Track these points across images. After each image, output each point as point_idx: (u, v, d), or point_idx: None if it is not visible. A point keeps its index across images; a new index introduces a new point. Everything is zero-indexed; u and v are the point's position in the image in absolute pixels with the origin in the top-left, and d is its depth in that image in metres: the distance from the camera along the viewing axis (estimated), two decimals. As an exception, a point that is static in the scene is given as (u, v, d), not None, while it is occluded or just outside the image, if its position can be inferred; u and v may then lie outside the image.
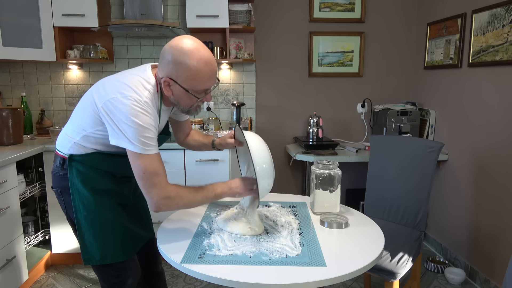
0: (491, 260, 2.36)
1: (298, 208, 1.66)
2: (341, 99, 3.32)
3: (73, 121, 1.39)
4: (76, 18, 2.69)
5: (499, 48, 2.25)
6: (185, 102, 1.33)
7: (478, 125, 2.48)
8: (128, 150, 1.24)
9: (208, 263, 1.16)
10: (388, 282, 1.72)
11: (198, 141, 1.70)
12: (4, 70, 3.02)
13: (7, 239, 2.16)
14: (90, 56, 2.86)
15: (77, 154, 1.37)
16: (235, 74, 3.19)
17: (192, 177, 2.64)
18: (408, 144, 2.13)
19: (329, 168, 1.56)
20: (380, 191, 2.21)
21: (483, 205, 2.43)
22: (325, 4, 3.16)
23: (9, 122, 2.49)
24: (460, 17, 2.61)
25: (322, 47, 3.22)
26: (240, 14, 2.94)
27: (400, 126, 2.92)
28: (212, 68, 1.29)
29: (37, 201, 2.81)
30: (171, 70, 1.26)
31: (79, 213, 1.38)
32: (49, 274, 2.61)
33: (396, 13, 3.23)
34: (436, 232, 2.95)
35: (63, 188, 1.42)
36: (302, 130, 3.34)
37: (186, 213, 1.58)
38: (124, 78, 1.29)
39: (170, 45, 1.26)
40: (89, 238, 1.39)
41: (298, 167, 3.36)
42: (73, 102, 3.11)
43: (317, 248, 1.27)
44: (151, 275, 1.69)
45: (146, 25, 2.61)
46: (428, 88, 3.07)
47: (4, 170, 2.13)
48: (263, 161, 1.31)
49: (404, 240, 1.93)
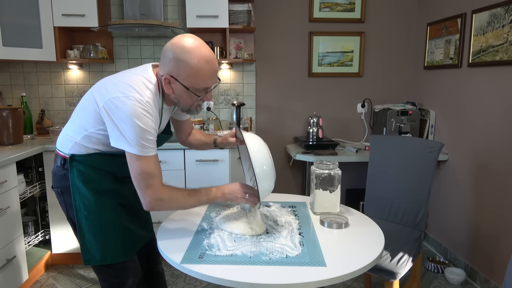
0: (491, 260, 2.36)
1: (298, 208, 1.66)
2: (341, 99, 3.32)
3: (73, 121, 1.39)
4: (76, 18, 2.69)
5: (499, 48, 2.25)
6: (185, 100, 1.33)
7: (478, 125, 2.48)
8: (126, 151, 1.24)
9: (208, 263, 1.16)
10: (388, 282, 1.72)
11: (200, 140, 1.71)
12: (4, 70, 3.02)
13: (7, 239, 2.16)
14: (90, 56, 2.86)
15: (78, 154, 1.37)
16: (235, 74, 3.19)
17: (192, 177, 2.64)
18: (408, 144, 2.13)
19: (329, 168, 1.56)
20: (380, 191, 2.21)
21: (483, 205, 2.43)
22: (325, 4, 3.16)
23: (9, 122, 2.49)
24: (460, 17, 2.61)
25: (322, 47, 3.22)
26: (240, 14, 2.94)
27: (400, 126, 2.92)
28: (213, 66, 1.29)
29: (37, 201, 2.81)
30: (172, 67, 1.26)
31: (79, 213, 1.38)
32: (49, 274, 2.61)
33: (396, 13, 3.23)
34: (436, 232, 2.95)
35: (64, 188, 1.42)
36: (302, 130, 3.34)
37: (186, 213, 1.58)
38: (126, 77, 1.29)
39: (171, 43, 1.26)
40: (89, 238, 1.39)
41: (298, 167, 3.36)
42: (73, 102, 3.11)
43: (317, 248, 1.27)
44: (151, 275, 1.69)
45: (146, 25, 2.61)
46: (428, 88, 3.07)
47: (4, 170, 2.13)
48: (263, 163, 1.30)
49: (404, 240, 1.93)
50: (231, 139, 1.59)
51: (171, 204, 1.31)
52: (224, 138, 1.62)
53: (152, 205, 1.28)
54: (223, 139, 1.63)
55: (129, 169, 1.26)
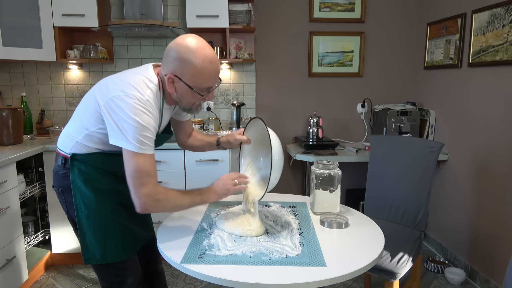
0: (491, 260, 2.36)
1: (298, 208, 1.66)
2: (341, 99, 3.32)
3: (75, 120, 1.40)
4: (76, 18, 2.69)
5: (499, 48, 2.25)
6: (188, 99, 1.34)
7: (478, 125, 2.48)
8: (124, 148, 1.24)
9: (208, 263, 1.16)
10: (388, 282, 1.72)
11: (202, 140, 1.69)
12: (4, 70, 3.02)
13: (7, 239, 2.16)
14: (90, 56, 2.86)
15: (79, 153, 1.37)
16: (235, 74, 3.19)
17: (192, 177, 2.64)
18: (408, 144, 2.13)
19: (329, 168, 1.56)
20: (380, 191, 2.21)
21: (483, 205, 2.43)
22: (325, 4, 3.16)
23: (9, 122, 2.49)
24: (460, 17, 2.61)
25: (322, 47, 3.22)
26: (240, 14, 2.94)
27: (400, 126, 2.92)
28: (216, 67, 1.31)
29: (37, 201, 2.81)
30: (176, 67, 1.27)
31: (80, 212, 1.39)
32: (49, 274, 2.61)
33: (396, 13, 3.23)
34: (436, 232, 2.95)
35: (65, 187, 1.42)
36: (302, 130, 3.34)
37: (187, 213, 1.58)
38: (127, 77, 1.30)
39: (175, 43, 1.27)
40: (90, 238, 1.39)
41: (298, 167, 3.36)
42: (73, 102, 3.11)
43: (317, 248, 1.27)
44: (151, 275, 1.69)
45: (146, 25, 2.61)
46: (428, 88, 3.07)
47: (4, 170, 2.13)
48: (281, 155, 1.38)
49: (404, 240, 1.93)
50: (238, 136, 1.57)
51: (166, 204, 1.29)
52: (231, 136, 1.60)
53: (146, 205, 1.26)
54: (229, 137, 1.61)
55: (125, 167, 1.25)
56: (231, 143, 1.60)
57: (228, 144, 1.62)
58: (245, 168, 1.58)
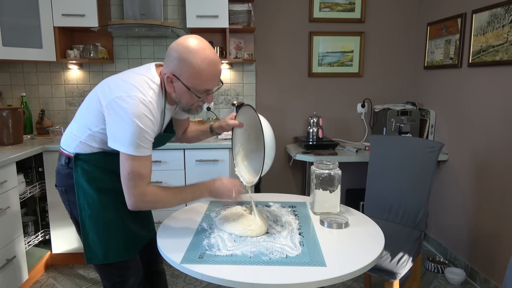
0: (491, 260, 2.36)
1: (298, 208, 1.66)
2: (341, 99, 3.32)
3: (77, 120, 1.40)
4: (76, 18, 2.69)
5: (499, 48, 2.25)
6: (186, 100, 1.34)
7: (478, 125, 2.48)
8: (121, 151, 1.26)
9: (208, 263, 1.16)
10: (388, 282, 1.72)
11: (196, 130, 1.71)
12: (4, 70, 3.02)
13: (7, 239, 2.16)
14: (90, 56, 2.86)
15: (82, 153, 1.38)
16: (235, 74, 3.19)
17: (192, 177, 2.64)
18: (408, 144, 2.13)
19: (329, 168, 1.56)
20: (380, 191, 2.21)
21: (483, 205, 2.43)
22: (325, 4, 3.16)
23: (9, 122, 2.49)
24: (460, 17, 2.61)
25: (322, 47, 3.22)
26: (240, 14, 2.94)
27: (400, 126, 2.92)
28: (216, 69, 1.30)
29: (37, 201, 2.81)
30: (175, 66, 1.27)
31: (83, 211, 1.39)
32: (49, 274, 2.61)
33: (396, 13, 3.23)
34: (436, 232, 2.95)
35: (68, 187, 1.43)
36: (302, 130, 3.34)
37: (187, 213, 1.58)
38: (129, 77, 1.30)
39: (177, 43, 1.28)
40: (92, 237, 1.39)
41: (298, 167, 3.36)
42: (73, 102, 3.11)
43: (317, 248, 1.27)
44: (152, 275, 1.69)
45: (146, 25, 2.61)
46: (428, 88, 3.07)
47: (4, 170, 2.13)
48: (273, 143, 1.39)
49: (404, 240, 1.93)
50: (230, 121, 1.55)
51: (156, 204, 1.35)
52: (223, 121, 1.59)
53: (137, 205, 1.30)
54: (221, 122, 1.60)
55: (120, 167, 1.27)
56: (224, 128, 1.60)
57: (221, 129, 1.62)
58: (238, 149, 1.59)
